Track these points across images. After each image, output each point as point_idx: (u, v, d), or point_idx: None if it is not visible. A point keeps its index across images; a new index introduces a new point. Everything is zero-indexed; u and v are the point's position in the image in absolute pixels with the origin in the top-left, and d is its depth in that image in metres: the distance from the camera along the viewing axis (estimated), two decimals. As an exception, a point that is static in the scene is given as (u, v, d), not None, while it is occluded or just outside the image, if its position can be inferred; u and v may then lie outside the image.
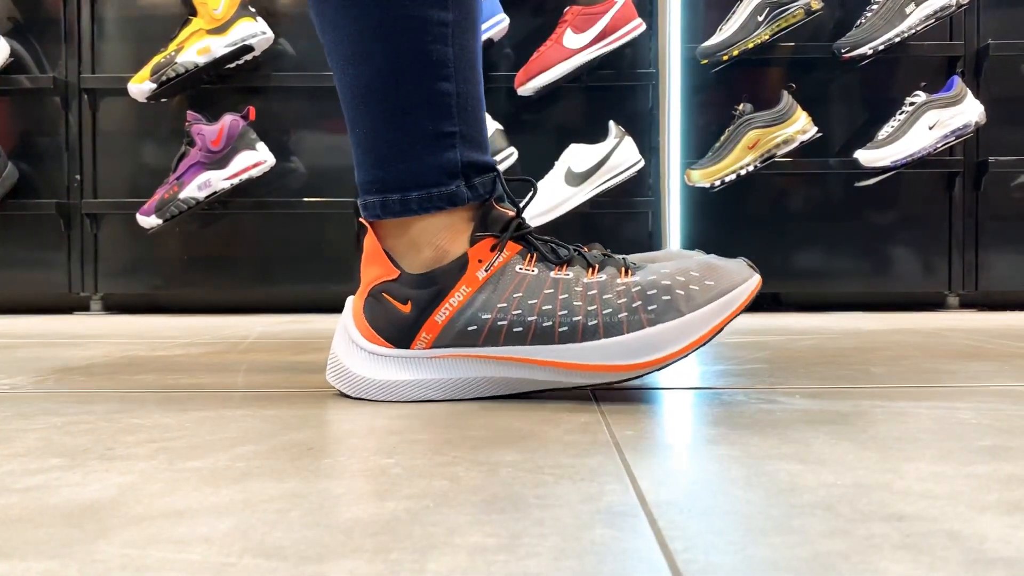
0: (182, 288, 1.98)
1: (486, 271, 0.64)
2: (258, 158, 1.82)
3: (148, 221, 1.81)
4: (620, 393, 0.67)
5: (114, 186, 1.96)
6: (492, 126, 1.80)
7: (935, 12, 1.79)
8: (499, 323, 0.63)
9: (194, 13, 1.83)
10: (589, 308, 0.62)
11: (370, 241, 0.66)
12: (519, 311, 0.62)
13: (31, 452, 0.47)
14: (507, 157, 1.78)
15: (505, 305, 0.63)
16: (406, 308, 0.64)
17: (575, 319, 0.62)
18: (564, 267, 0.64)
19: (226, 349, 1.07)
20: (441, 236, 0.64)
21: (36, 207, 1.93)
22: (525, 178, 0.71)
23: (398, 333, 0.65)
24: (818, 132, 1.83)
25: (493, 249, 0.64)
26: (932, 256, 1.93)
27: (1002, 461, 0.43)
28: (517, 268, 0.64)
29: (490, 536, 0.32)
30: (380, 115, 0.64)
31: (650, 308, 0.61)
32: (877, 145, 1.80)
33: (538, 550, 0.31)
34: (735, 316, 0.61)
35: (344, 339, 0.67)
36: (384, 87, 0.63)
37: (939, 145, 1.81)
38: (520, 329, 0.62)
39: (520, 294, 0.63)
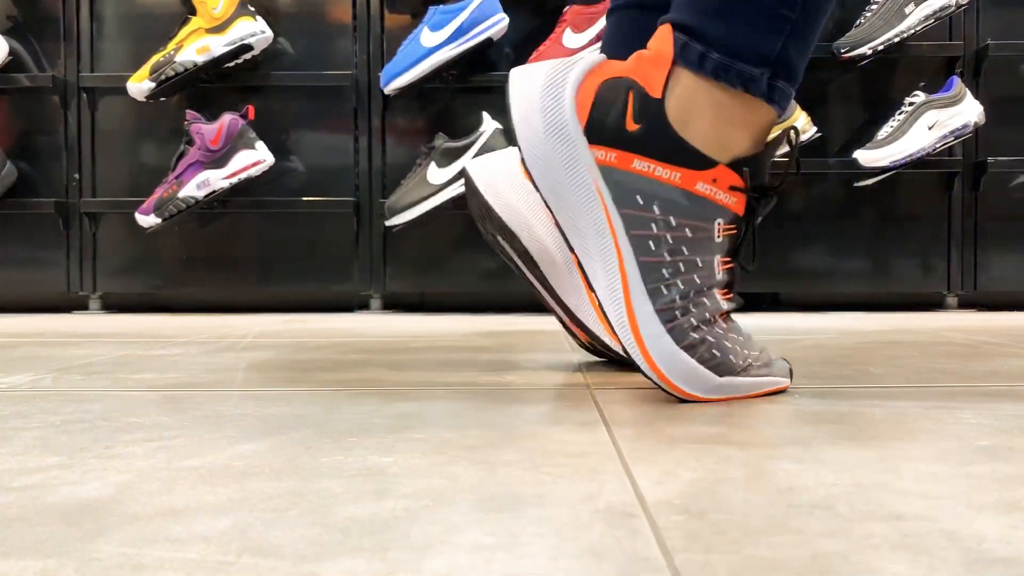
0: (181, 287, 1.98)
1: (706, 189, 0.60)
2: (257, 157, 1.82)
3: (147, 220, 1.81)
4: (619, 393, 0.67)
5: (113, 185, 1.96)
6: (492, 125, 1.80)
7: (934, 12, 1.79)
8: (651, 224, 0.59)
9: (193, 12, 1.83)
10: (690, 307, 0.60)
11: (665, 44, 0.61)
12: (671, 241, 0.60)
13: (29, 450, 0.47)
14: None
15: (674, 224, 0.60)
16: (633, 126, 0.60)
17: (675, 296, 0.60)
18: (728, 264, 0.62)
19: (225, 348, 1.07)
20: (716, 122, 0.60)
21: (35, 206, 1.93)
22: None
23: (601, 128, 0.60)
24: (817, 132, 1.83)
25: (731, 189, 0.61)
26: (931, 256, 1.93)
27: (1001, 461, 0.43)
28: (718, 220, 0.61)
29: (488, 535, 0.32)
30: None
31: (713, 352, 0.61)
32: (876, 145, 1.80)
33: (536, 549, 0.30)
34: (751, 396, 0.63)
35: (560, 78, 0.61)
36: None
37: (938, 145, 1.81)
38: (652, 247, 0.60)
39: (691, 235, 0.60)
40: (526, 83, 0.62)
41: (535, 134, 0.61)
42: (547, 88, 0.61)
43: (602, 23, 1.78)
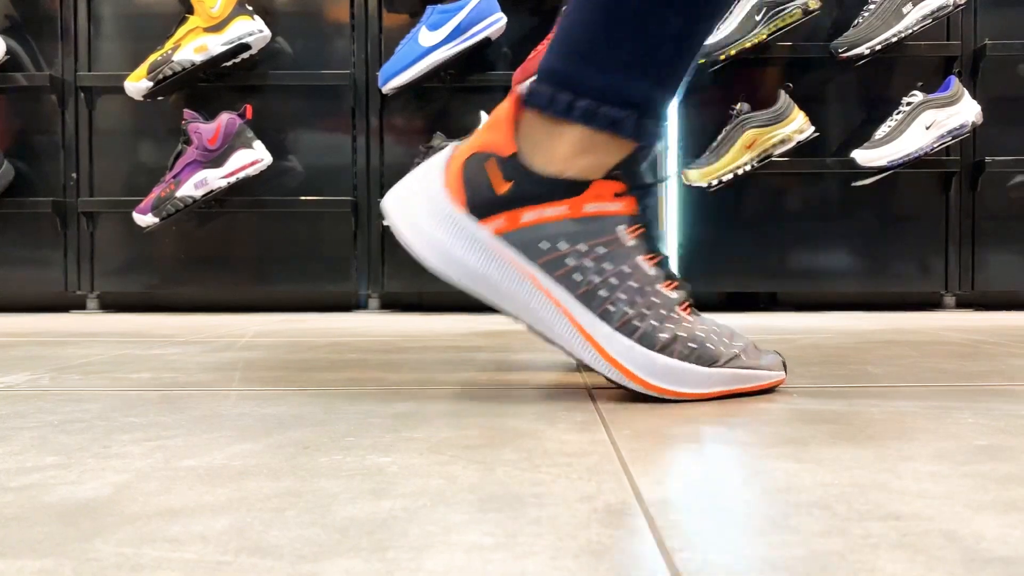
0: (178, 287, 1.98)
1: (595, 208, 0.62)
2: (255, 156, 1.82)
3: (144, 220, 1.81)
4: (618, 392, 0.67)
5: (110, 184, 1.96)
6: (489, 125, 1.79)
7: (932, 12, 1.79)
8: (567, 260, 0.61)
9: (191, 11, 1.83)
10: (644, 311, 0.61)
11: (507, 109, 0.63)
12: (591, 265, 0.61)
13: (27, 450, 0.47)
14: None
15: (585, 249, 0.61)
16: (504, 187, 0.62)
17: (625, 309, 0.61)
18: (654, 261, 0.63)
19: (222, 348, 1.07)
20: (580, 154, 0.62)
21: (32, 205, 1.93)
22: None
23: (480, 203, 0.63)
24: (815, 132, 1.83)
25: (616, 196, 0.62)
26: (929, 256, 1.93)
27: (999, 460, 0.43)
28: (619, 227, 0.62)
29: (487, 535, 0.32)
30: (602, 12, 0.61)
31: (689, 346, 0.61)
32: (874, 145, 1.81)
33: (535, 549, 0.30)
34: (747, 392, 0.64)
35: (425, 180, 0.65)
36: None
37: (936, 145, 1.81)
38: (579, 279, 0.61)
39: (604, 251, 0.62)
40: (401, 200, 0.66)
41: (429, 237, 0.64)
42: (420, 195, 0.65)
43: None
